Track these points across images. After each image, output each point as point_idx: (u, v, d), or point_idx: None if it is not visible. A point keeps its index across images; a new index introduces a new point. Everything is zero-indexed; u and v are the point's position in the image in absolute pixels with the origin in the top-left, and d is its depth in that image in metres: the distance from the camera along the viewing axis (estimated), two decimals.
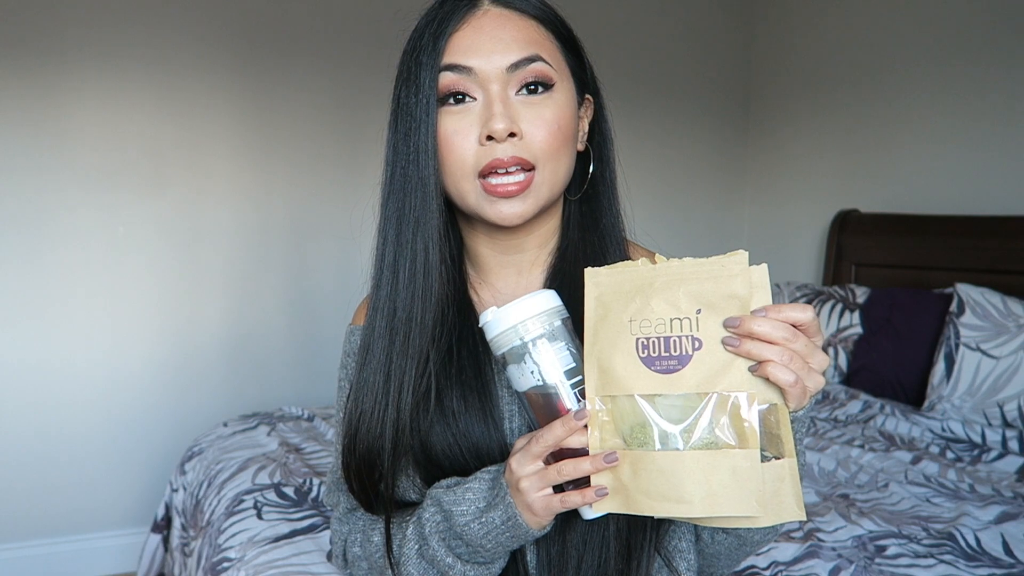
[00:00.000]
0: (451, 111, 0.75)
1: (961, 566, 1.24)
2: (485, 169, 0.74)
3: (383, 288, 0.80)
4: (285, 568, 1.25)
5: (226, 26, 2.47)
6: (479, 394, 0.79)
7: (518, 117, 0.74)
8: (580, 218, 0.84)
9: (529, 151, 0.74)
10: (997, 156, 2.31)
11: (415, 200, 0.77)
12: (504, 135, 0.72)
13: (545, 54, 0.75)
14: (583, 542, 0.75)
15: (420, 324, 0.77)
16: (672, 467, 0.61)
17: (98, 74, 2.33)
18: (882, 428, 1.97)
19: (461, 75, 0.74)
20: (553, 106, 0.75)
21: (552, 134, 0.75)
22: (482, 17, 0.75)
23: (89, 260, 2.37)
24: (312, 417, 2.13)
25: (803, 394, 0.60)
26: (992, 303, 2.00)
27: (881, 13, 2.65)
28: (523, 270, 0.85)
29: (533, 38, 0.75)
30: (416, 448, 0.79)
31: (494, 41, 0.74)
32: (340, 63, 2.60)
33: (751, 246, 3.28)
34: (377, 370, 0.79)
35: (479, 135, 0.74)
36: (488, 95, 0.74)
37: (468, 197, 0.76)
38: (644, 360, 0.62)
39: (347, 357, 0.91)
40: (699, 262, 0.62)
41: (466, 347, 0.80)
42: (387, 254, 0.80)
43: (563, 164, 0.77)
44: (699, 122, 3.18)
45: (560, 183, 0.78)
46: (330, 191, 2.64)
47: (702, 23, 3.16)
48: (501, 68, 0.74)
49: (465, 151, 0.75)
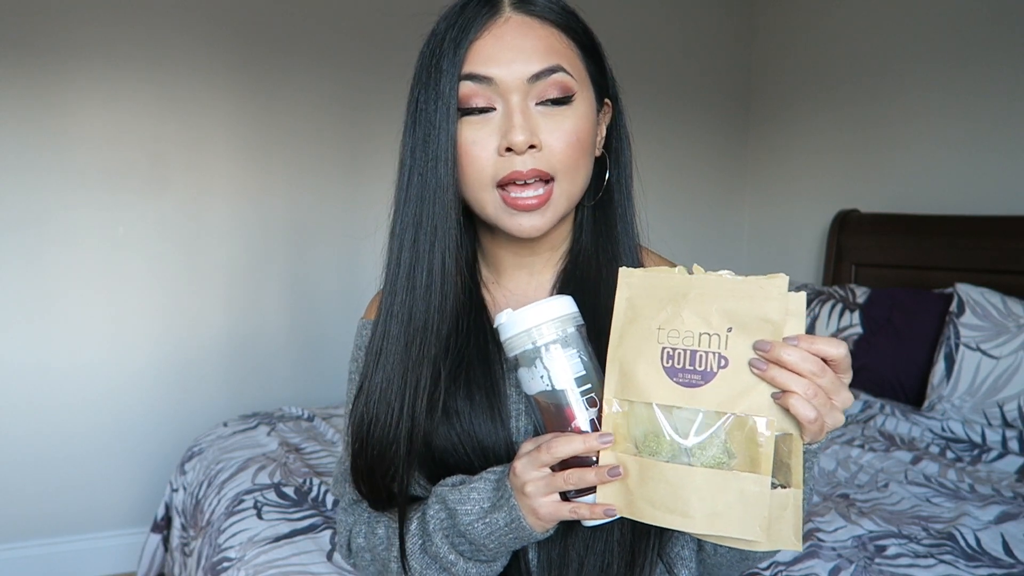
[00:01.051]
0: (471, 121, 0.75)
1: (961, 566, 1.23)
2: (504, 180, 0.74)
3: (399, 294, 0.79)
4: (285, 568, 1.25)
5: (226, 26, 2.47)
6: (487, 392, 0.79)
7: (538, 128, 0.74)
8: (594, 223, 0.84)
9: (548, 163, 0.74)
10: (997, 156, 2.31)
11: (433, 208, 0.77)
12: (524, 147, 0.72)
13: (566, 64, 0.75)
14: (585, 546, 0.75)
15: (436, 333, 0.78)
16: (680, 481, 0.60)
17: (98, 74, 2.33)
18: (882, 428, 1.97)
19: (481, 85, 0.74)
20: (573, 117, 0.75)
21: (571, 146, 0.74)
22: (503, 25, 0.75)
23: (89, 260, 2.37)
24: (312, 417, 2.13)
25: (821, 430, 0.60)
26: (992, 303, 2.00)
27: (881, 13, 2.65)
28: (535, 272, 0.86)
29: (554, 47, 0.75)
30: (421, 446, 0.79)
31: (515, 51, 0.73)
32: (340, 63, 2.60)
33: (751, 246, 3.28)
34: (391, 378, 0.79)
35: (498, 146, 0.74)
36: (508, 105, 0.74)
37: (487, 207, 0.76)
38: (667, 370, 0.62)
39: (359, 351, 0.91)
40: (737, 280, 0.61)
41: (476, 345, 0.81)
42: (403, 260, 0.79)
43: (581, 175, 0.77)
44: (699, 122, 3.18)
45: (578, 194, 0.78)
46: (331, 191, 2.64)
47: (702, 23, 3.16)
48: (522, 79, 0.73)
49: (484, 161, 0.74)
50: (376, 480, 0.80)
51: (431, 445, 0.79)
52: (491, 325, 0.82)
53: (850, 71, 2.77)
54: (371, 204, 2.68)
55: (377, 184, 2.69)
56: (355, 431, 0.81)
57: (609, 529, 0.74)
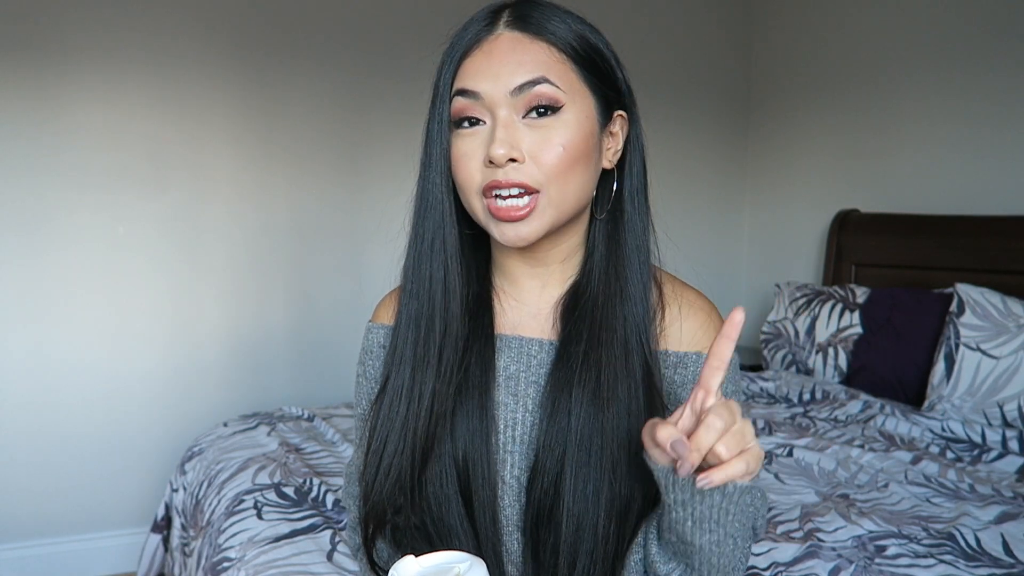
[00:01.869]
0: (463, 134, 0.78)
1: (961, 566, 1.23)
2: (486, 188, 0.76)
3: (412, 301, 0.83)
4: (285, 568, 1.25)
5: (227, 27, 2.47)
6: (478, 398, 0.82)
7: (520, 141, 0.75)
8: (606, 237, 0.84)
9: (530, 175, 0.75)
10: (997, 156, 2.31)
11: (435, 218, 0.81)
12: (503, 160, 0.74)
13: (553, 76, 0.75)
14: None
15: (443, 335, 0.82)
16: None
17: (99, 74, 2.33)
18: (882, 428, 1.97)
19: (470, 100, 0.76)
20: (561, 128, 0.75)
21: (558, 157, 0.75)
22: (495, 41, 0.77)
23: (89, 261, 2.37)
24: (312, 417, 2.13)
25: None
26: (992, 303, 2.00)
27: (881, 14, 2.65)
28: (547, 283, 0.87)
29: (541, 60, 0.76)
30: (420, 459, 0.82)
31: (501, 65, 0.75)
32: (341, 64, 2.60)
33: (751, 246, 3.28)
34: (403, 380, 0.82)
35: (484, 158, 0.76)
36: (495, 119, 0.76)
37: (478, 215, 0.79)
38: None
39: (365, 354, 0.93)
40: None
41: (478, 351, 0.84)
42: (417, 267, 0.83)
43: (572, 185, 0.77)
44: (699, 123, 3.18)
45: (570, 203, 0.78)
46: (331, 192, 2.64)
47: (702, 23, 3.16)
48: (505, 92, 0.75)
49: (472, 171, 0.77)
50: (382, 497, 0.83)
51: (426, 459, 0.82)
52: (494, 332, 0.85)
53: (850, 71, 2.77)
54: (371, 205, 2.69)
55: (377, 185, 2.69)
56: (373, 433, 0.84)
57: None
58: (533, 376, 0.84)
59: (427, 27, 2.53)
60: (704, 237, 3.22)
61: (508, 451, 0.83)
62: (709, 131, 3.21)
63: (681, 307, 0.84)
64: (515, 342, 0.85)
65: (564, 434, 0.79)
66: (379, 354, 0.91)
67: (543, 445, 0.80)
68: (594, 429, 0.78)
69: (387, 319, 0.92)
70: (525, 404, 0.84)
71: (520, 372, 0.85)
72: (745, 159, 3.28)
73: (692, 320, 0.84)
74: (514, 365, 0.85)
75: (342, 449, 1.87)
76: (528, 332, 0.86)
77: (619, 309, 0.80)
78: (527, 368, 0.85)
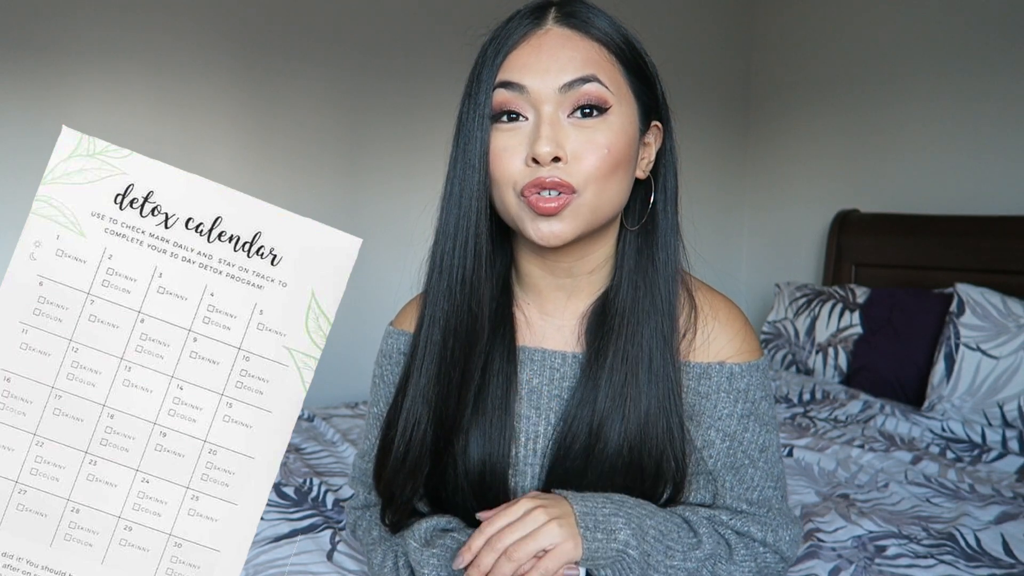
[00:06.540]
0: (503, 128, 0.75)
1: (961, 566, 1.23)
2: (527, 187, 0.73)
3: (439, 302, 0.80)
4: (285, 568, 1.25)
5: (226, 27, 2.47)
6: (499, 410, 0.81)
7: (566, 140, 0.73)
8: (636, 250, 0.82)
9: (573, 176, 0.73)
10: (997, 156, 2.31)
11: (468, 215, 0.77)
12: (548, 159, 0.71)
13: (603, 75, 0.74)
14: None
15: (469, 335, 0.79)
16: None
17: (98, 75, 2.33)
18: (882, 428, 1.97)
19: (514, 93, 0.73)
20: (607, 130, 0.74)
21: (602, 159, 0.73)
22: (543, 36, 0.74)
23: None
24: (312, 417, 2.13)
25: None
26: (992, 303, 2.00)
27: (881, 15, 2.65)
28: (573, 294, 0.84)
29: (591, 59, 0.74)
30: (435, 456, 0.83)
31: (550, 60, 0.73)
32: (341, 65, 2.60)
33: (751, 246, 3.29)
34: (430, 380, 0.81)
35: (526, 156, 0.73)
36: (539, 115, 0.73)
37: (511, 210, 0.76)
38: None
39: (384, 357, 0.92)
40: None
41: (500, 358, 0.82)
42: (444, 267, 0.80)
43: (610, 189, 0.75)
44: (699, 123, 3.18)
45: (606, 208, 0.76)
46: (331, 192, 2.64)
47: (702, 23, 3.16)
48: (554, 88, 0.72)
49: (512, 169, 0.74)
50: (396, 481, 0.82)
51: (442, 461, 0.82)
52: (516, 344, 0.84)
53: (850, 71, 2.77)
54: (371, 205, 2.68)
55: (377, 186, 2.69)
56: (388, 431, 0.84)
57: None
58: (556, 389, 0.83)
59: (427, 27, 2.53)
60: (704, 237, 3.21)
61: (528, 463, 0.82)
62: (709, 131, 3.21)
63: (709, 318, 0.83)
64: (538, 355, 0.84)
65: (585, 448, 0.79)
66: (398, 360, 0.90)
67: (563, 458, 0.80)
68: None
69: (409, 326, 0.89)
70: (547, 418, 0.82)
71: (543, 386, 0.83)
72: (745, 159, 3.28)
73: (719, 332, 0.83)
74: (537, 378, 0.83)
75: (342, 449, 1.87)
76: (551, 344, 0.84)
77: (647, 324, 0.79)
78: (550, 382, 0.83)
